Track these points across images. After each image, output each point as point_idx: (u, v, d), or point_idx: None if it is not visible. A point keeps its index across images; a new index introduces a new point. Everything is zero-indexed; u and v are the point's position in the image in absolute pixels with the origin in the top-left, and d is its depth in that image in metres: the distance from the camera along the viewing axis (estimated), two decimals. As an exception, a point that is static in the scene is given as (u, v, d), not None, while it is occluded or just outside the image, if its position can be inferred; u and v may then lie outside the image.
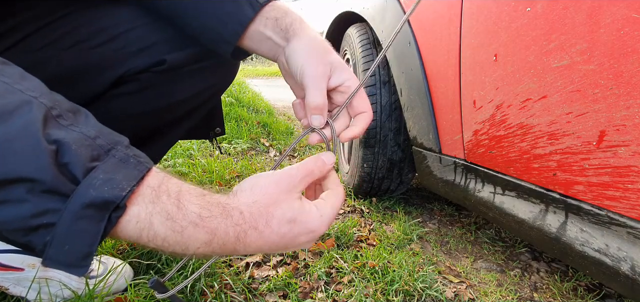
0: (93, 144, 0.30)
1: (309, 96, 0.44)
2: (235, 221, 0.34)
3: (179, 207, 0.31)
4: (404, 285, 0.82)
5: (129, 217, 0.30)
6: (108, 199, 0.28)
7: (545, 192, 0.62)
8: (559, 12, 0.54)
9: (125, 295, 0.68)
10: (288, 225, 0.35)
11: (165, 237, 0.31)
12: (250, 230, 0.34)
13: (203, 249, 0.33)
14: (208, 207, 0.33)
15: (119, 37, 0.49)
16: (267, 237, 0.35)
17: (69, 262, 0.28)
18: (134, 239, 0.30)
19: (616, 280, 0.53)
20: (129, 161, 0.31)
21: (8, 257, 0.61)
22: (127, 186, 0.29)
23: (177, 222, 0.31)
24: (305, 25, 0.47)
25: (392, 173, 1.22)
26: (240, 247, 0.34)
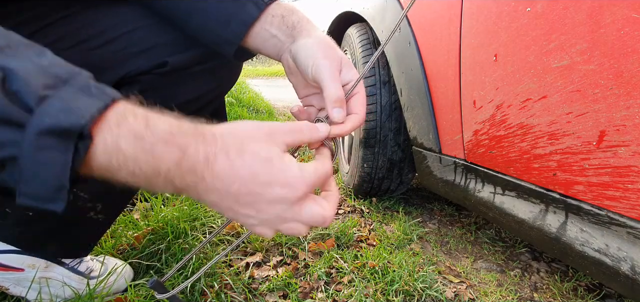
0: (47, 73, 0.28)
1: (329, 90, 0.43)
2: (208, 141, 0.32)
3: (147, 126, 0.30)
4: (404, 285, 0.82)
5: (95, 145, 0.28)
6: (66, 126, 0.26)
7: (545, 192, 0.62)
8: (559, 12, 0.54)
9: (126, 295, 0.68)
10: (262, 164, 0.32)
11: (135, 158, 0.29)
12: (220, 153, 0.32)
13: (174, 172, 0.31)
14: (178, 125, 0.32)
15: (120, 38, 0.49)
16: (237, 168, 0.32)
17: (42, 195, 0.28)
18: (105, 168, 0.29)
19: (616, 280, 0.53)
20: (91, 91, 0.29)
21: (8, 257, 0.61)
22: (87, 113, 0.27)
23: (146, 139, 0.29)
24: (312, 24, 0.47)
25: (392, 173, 1.22)
26: (207, 174, 0.31)
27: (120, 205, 0.69)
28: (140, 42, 0.50)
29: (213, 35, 0.48)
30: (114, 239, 0.83)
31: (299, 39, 0.46)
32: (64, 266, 0.65)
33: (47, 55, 0.30)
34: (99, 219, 0.63)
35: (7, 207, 0.57)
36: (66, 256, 0.65)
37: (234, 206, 0.33)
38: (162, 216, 0.90)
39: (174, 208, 0.96)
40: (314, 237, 1.01)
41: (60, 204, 0.28)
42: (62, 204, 0.28)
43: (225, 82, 0.64)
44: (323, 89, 0.43)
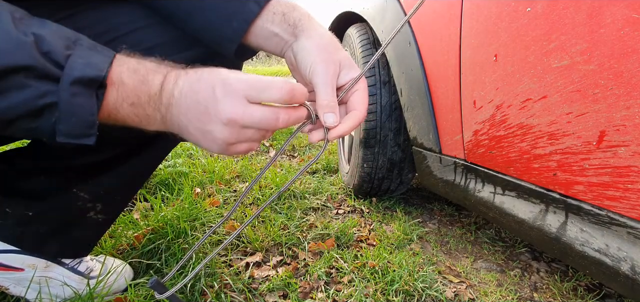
0: (61, 35, 0.35)
1: (320, 95, 0.43)
2: (178, 69, 0.40)
3: (139, 63, 0.39)
4: (404, 285, 0.82)
5: (109, 86, 0.36)
6: (92, 76, 0.34)
7: (546, 192, 0.62)
8: (559, 12, 0.54)
9: (125, 295, 0.68)
10: (211, 73, 0.39)
11: (134, 87, 0.37)
12: (183, 75, 0.39)
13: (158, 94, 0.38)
14: (158, 62, 0.41)
15: (120, 38, 0.49)
16: (193, 81, 0.38)
17: (79, 132, 0.35)
18: (114, 103, 0.37)
19: (616, 280, 0.53)
20: (97, 48, 0.37)
21: (8, 257, 0.61)
22: (103, 67, 0.35)
23: (139, 71, 0.38)
24: (314, 22, 0.47)
25: (392, 173, 1.22)
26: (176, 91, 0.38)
27: (120, 205, 0.69)
28: (142, 42, 0.50)
29: (214, 33, 0.48)
30: (113, 238, 0.83)
31: (300, 38, 0.46)
32: (64, 266, 0.65)
33: (50, 23, 0.36)
34: (98, 219, 0.63)
35: (7, 207, 0.57)
36: (66, 256, 0.65)
37: (197, 123, 0.38)
38: (162, 216, 0.90)
39: (174, 208, 0.96)
40: (314, 237, 1.01)
41: (92, 138, 0.36)
42: (94, 138, 0.36)
43: None
44: (316, 94, 0.44)
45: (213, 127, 0.38)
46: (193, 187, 1.20)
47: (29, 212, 0.58)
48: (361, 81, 0.46)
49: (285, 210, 1.15)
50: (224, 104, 0.37)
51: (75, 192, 0.59)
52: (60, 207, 0.59)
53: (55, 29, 0.35)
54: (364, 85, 0.46)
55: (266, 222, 1.04)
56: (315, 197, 1.30)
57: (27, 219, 0.58)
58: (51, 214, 0.59)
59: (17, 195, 0.57)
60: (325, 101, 0.43)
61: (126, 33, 0.50)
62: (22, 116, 0.33)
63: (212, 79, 0.38)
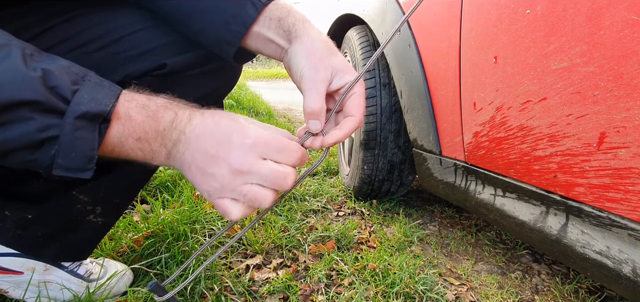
0: (69, 71, 0.36)
1: (305, 101, 0.43)
2: (194, 108, 0.41)
3: (150, 99, 0.39)
4: (405, 287, 0.81)
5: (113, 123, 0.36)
6: (96, 112, 0.35)
7: (546, 194, 0.62)
8: (558, 14, 0.54)
9: (125, 298, 0.68)
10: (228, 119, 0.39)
11: (142, 123, 0.37)
12: (198, 115, 0.39)
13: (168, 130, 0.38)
14: (170, 98, 0.41)
15: (119, 41, 0.49)
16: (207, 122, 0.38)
17: (77, 166, 0.35)
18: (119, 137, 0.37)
19: (618, 282, 0.53)
20: (104, 84, 0.37)
21: (8, 260, 0.60)
22: (109, 102, 0.36)
23: (149, 107, 0.38)
24: (308, 26, 0.46)
25: (393, 175, 1.21)
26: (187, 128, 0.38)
27: (120, 208, 0.69)
28: (139, 44, 0.50)
29: (213, 36, 0.48)
30: (113, 241, 0.83)
31: (294, 43, 0.45)
32: (64, 269, 0.65)
33: (60, 59, 0.37)
34: (98, 222, 0.63)
35: (6, 210, 0.57)
36: (66, 259, 0.65)
37: (203, 165, 0.38)
38: (162, 219, 0.90)
39: (174, 210, 0.96)
40: (314, 239, 1.01)
41: (90, 172, 0.36)
42: (91, 172, 0.36)
43: (225, 85, 0.64)
44: (304, 101, 0.44)
45: (218, 170, 0.37)
46: (193, 189, 1.20)
47: (28, 215, 0.58)
48: (358, 85, 0.45)
49: (286, 212, 1.15)
50: (237, 153, 0.37)
51: (75, 195, 0.59)
52: (60, 210, 0.59)
53: (65, 65, 0.36)
54: (361, 90, 0.45)
55: (266, 225, 1.04)
56: (316, 200, 1.30)
57: (26, 222, 0.58)
58: (50, 217, 0.59)
59: (16, 197, 0.57)
60: (309, 108, 0.43)
61: (125, 35, 0.50)
62: (21, 148, 0.33)
63: (231, 126, 0.38)
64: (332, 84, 0.45)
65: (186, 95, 0.57)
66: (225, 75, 0.62)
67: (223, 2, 0.46)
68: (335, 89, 0.45)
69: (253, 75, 10.41)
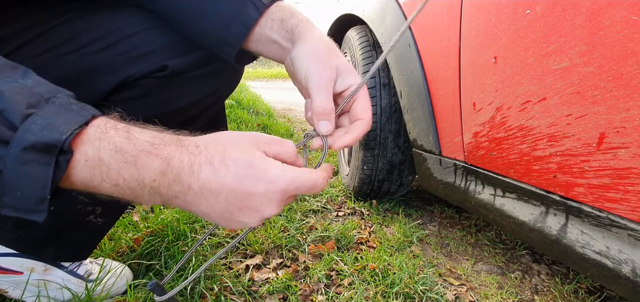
0: (31, 92, 0.30)
1: (315, 102, 0.42)
2: (191, 150, 0.33)
3: (129, 139, 0.31)
4: (405, 287, 0.81)
5: (77, 158, 0.29)
6: (48, 142, 0.28)
7: (546, 194, 0.62)
8: (558, 15, 0.54)
9: (125, 298, 0.68)
10: (246, 168, 0.33)
11: (118, 170, 0.30)
12: (205, 164, 0.32)
13: (159, 182, 0.31)
14: (160, 136, 0.33)
15: (120, 42, 0.49)
16: (222, 176, 0.32)
17: (24, 207, 0.29)
18: (89, 181, 0.30)
19: (617, 283, 0.53)
20: (71, 108, 0.30)
21: (7, 260, 0.60)
22: (67, 129, 0.28)
23: (128, 152, 0.30)
24: (311, 27, 0.46)
25: (392, 175, 1.21)
26: (194, 183, 0.32)
27: (120, 208, 0.68)
28: (141, 45, 0.50)
29: (214, 38, 0.48)
30: (113, 241, 0.83)
31: (297, 45, 0.45)
32: (63, 269, 0.65)
33: (31, 76, 0.31)
34: (98, 222, 0.63)
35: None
36: (65, 259, 0.65)
37: (226, 214, 0.34)
38: (161, 218, 0.90)
39: (174, 210, 0.96)
40: (314, 239, 1.01)
41: (41, 214, 0.29)
42: (43, 215, 0.29)
43: (226, 86, 0.64)
44: (311, 102, 0.43)
45: (246, 219, 0.35)
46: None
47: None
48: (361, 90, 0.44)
49: (285, 212, 1.15)
50: (269, 207, 0.34)
51: (75, 195, 0.59)
52: (60, 210, 0.59)
53: (27, 84, 0.30)
54: (365, 92, 0.45)
55: (266, 225, 1.04)
56: (315, 200, 1.30)
57: (25, 222, 0.58)
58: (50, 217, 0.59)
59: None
60: (320, 108, 0.42)
61: (125, 37, 0.50)
62: None
63: (253, 176, 0.33)
64: (336, 85, 0.44)
65: (187, 96, 0.57)
66: (227, 76, 0.62)
67: (224, 3, 0.46)
68: (338, 92, 0.45)
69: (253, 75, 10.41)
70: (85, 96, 0.50)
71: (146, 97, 0.53)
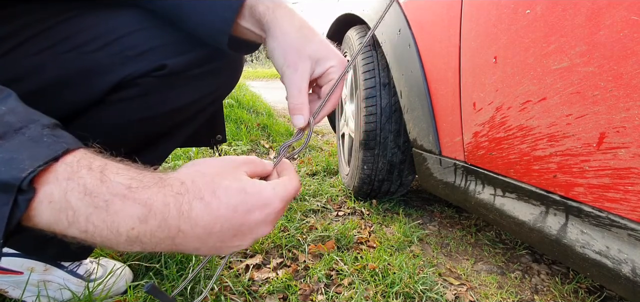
0: (0, 121, 0.27)
1: (289, 99, 0.44)
2: (176, 190, 0.30)
3: (103, 180, 0.27)
4: (405, 287, 0.81)
5: (40, 199, 0.26)
6: (5, 180, 0.25)
7: (546, 194, 0.62)
8: (558, 15, 0.54)
9: (125, 297, 0.68)
10: (238, 195, 0.31)
11: (87, 215, 0.27)
12: (195, 201, 0.30)
13: (138, 230, 0.28)
14: (139, 178, 0.29)
15: (118, 41, 0.49)
16: (215, 210, 0.30)
17: None
18: (54, 224, 0.27)
19: (617, 282, 0.53)
20: (42, 140, 0.27)
21: (7, 260, 0.61)
22: (30, 166, 0.25)
23: (99, 196, 0.27)
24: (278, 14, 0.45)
25: (392, 175, 1.21)
26: (185, 225, 0.29)
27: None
28: (139, 44, 0.50)
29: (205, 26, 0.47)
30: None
31: (268, 39, 0.45)
32: (63, 268, 0.65)
33: (8, 101, 0.29)
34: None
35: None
36: (65, 259, 0.65)
37: (218, 244, 0.32)
38: (161, 218, 0.90)
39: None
40: (314, 239, 1.01)
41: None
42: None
43: (225, 85, 0.64)
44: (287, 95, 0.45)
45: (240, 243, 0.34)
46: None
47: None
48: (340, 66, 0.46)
49: (285, 212, 1.15)
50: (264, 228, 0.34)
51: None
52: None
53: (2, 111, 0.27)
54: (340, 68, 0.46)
55: (266, 225, 1.04)
56: (315, 199, 1.30)
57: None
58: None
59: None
60: (292, 105, 0.44)
61: (124, 35, 0.49)
62: None
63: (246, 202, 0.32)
64: (315, 72, 0.45)
65: (186, 95, 0.57)
66: (226, 75, 0.62)
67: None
68: (318, 75, 0.46)
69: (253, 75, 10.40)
70: (84, 96, 0.50)
71: (145, 96, 0.52)
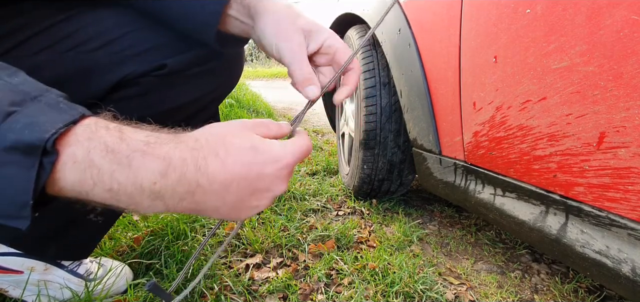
0: (15, 90, 0.28)
1: (294, 74, 0.43)
2: (191, 145, 0.31)
3: (122, 138, 0.29)
4: (405, 287, 0.81)
5: (64, 160, 0.27)
6: (29, 142, 0.25)
7: (546, 194, 0.62)
8: (558, 14, 0.54)
9: (125, 297, 0.68)
10: (250, 152, 0.32)
11: (111, 172, 0.27)
12: (210, 156, 0.31)
13: (160, 184, 0.29)
14: (156, 135, 0.30)
15: (118, 40, 0.49)
16: (230, 167, 0.31)
17: (6, 213, 0.27)
18: (79, 186, 0.27)
19: (617, 282, 0.53)
20: (60, 106, 0.28)
21: (8, 260, 0.61)
22: (52, 128, 0.26)
23: (121, 152, 0.28)
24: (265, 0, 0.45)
25: (392, 175, 1.21)
26: (203, 179, 0.30)
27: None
28: (139, 44, 0.50)
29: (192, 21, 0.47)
30: (113, 240, 0.83)
31: (257, 21, 0.45)
32: (64, 268, 0.65)
33: (19, 75, 0.29)
34: (98, 221, 0.63)
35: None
36: (66, 258, 0.65)
37: (237, 203, 0.33)
38: (161, 217, 0.90)
39: (174, 210, 0.96)
40: (314, 238, 1.01)
41: (25, 221, 0.27)
42: (26, 222, 0.27)
43: (225, 84, 0.64)
44: (290, 74, 0.44)
45: (258, 202, 0.34)
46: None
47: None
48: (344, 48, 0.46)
49: (285, 212, 1.15)
50: (279, 185, 0.35)
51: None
52: (60, 209, 0.59)
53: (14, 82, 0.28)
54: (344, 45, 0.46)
55: (266, 224, 1.04)
56: (315, 199, 1.30)
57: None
58: (50, 216, 0.59)
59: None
60: (301, 77, 0.43)
61: (123, 34, 0.49)
62: None
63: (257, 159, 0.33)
64: (310, 47, 0.45)
65: (186, 94, 0.57)
66: (226, 74, 0.62)
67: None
68: (314, 50, 0.46)
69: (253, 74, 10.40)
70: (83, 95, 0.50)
71: (145, 95, 0.53)
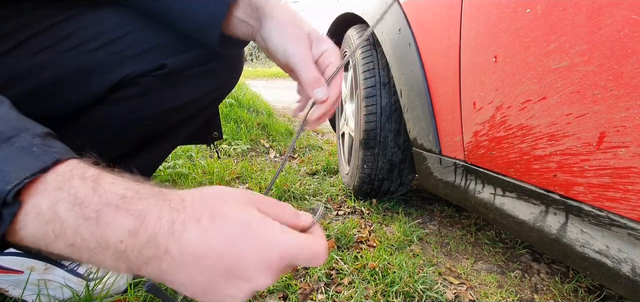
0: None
1: (303, 76, 0.44)
2: (174, 205, 0.27)
3: (95, 190, 0.26)
4: (404, 286, 0.81)
5: (27, 210, 0.25)
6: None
7: (546, 194, 0.62)
8: (558, 14, 0.54)
9: (125, 296, 0.68)
10: (239, 227, 0.27)
11: (76, 227, 0.25)
12: (190, 222, 0.26)
13: (126, 244, 0.25)
14: (136, 189, 0.27)
15: (118, 40, 0.49)
16: (209, 238, 0.26)
17: None
18: (40, 238, 0.25)
19: (617, 281, 0.53)
20: (32, 150, 0.26)
21: (8, 259, 0.61)
22: (16, 178, 0.24)
23: (90, 206, 0.25)
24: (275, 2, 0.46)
25: (392, 174, 1.22)
26: (173, 246, 0.26)
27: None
28: (139, 44, 0.50)
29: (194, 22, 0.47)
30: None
31: (265, 23, 0.45)
32: (64, 267, 0.65)
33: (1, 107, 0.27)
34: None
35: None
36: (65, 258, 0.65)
37: (207, 285, 0.27)
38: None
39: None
40: (314, 238, 1.01)
41: None
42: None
43: (225, 84, 0.64)
44: (298, 76, 0.44)
45: (232, 291, 0.28)
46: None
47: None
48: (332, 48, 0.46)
49: (285, 211, 1.14)
50: (263, 278, 0.28)
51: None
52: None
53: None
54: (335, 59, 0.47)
55: (266, 224, 1.04)
56: (315, 199, 1.30)
57: None
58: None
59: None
60: (310, 79, 0.43)
61: (123, 34, 0.49)
62: None
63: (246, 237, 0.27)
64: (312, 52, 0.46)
65: (186, 94, 0.57)
66: (226, 74, 0.62)
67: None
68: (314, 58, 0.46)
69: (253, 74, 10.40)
70: (83, 95, 0.50)
71: (145, 95, 0.53)
